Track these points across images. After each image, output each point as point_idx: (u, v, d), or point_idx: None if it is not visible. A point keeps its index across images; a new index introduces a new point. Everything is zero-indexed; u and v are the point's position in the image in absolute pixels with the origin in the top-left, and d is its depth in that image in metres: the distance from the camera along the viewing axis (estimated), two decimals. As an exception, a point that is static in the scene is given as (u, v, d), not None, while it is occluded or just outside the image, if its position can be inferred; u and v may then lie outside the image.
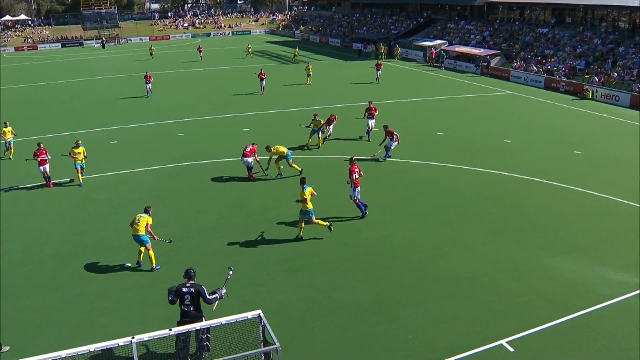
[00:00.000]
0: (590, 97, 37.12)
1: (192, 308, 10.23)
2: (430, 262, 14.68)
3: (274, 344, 8.54)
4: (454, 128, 28.63)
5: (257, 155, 20.97)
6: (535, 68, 43.69)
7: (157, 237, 14.31)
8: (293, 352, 10.83)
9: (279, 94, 38.75)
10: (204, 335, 10.07)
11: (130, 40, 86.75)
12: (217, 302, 10.56)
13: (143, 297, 13.19)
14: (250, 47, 64.28)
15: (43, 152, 20.20)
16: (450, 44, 55.75)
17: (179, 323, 10.10)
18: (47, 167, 20.30)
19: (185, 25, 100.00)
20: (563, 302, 12.65)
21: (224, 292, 10.61)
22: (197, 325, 9.32)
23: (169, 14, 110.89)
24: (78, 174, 20.69)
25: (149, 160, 23.65)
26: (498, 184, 20.44)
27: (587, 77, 39.61)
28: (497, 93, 39.54)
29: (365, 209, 17.46)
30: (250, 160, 20.77)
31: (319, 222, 15.86)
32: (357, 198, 17.25)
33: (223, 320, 8.90)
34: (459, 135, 27.17)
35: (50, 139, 26.14)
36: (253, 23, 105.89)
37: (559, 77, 41.00)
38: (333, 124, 25.86)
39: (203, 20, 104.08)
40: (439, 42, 56.89)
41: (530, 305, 12.54)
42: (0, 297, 13.16)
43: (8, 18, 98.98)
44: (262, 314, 9.09)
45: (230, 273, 11.15)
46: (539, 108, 34.43)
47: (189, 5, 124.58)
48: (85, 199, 19.55)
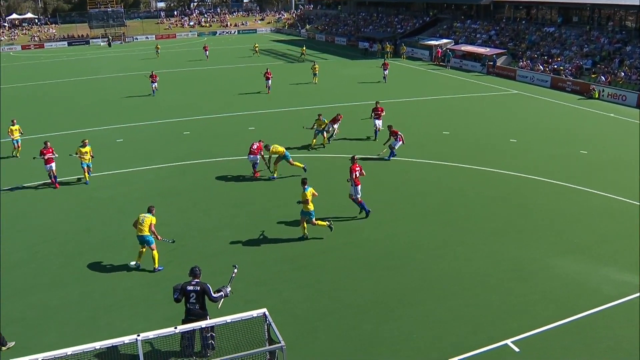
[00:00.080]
0: (597, 96, 36.96)
1: (197, 306, 10.26)
2: (434, 261, 14.67)
3: (279, 343, 8.56)
4: (460, 127, 28.57)
5: (263, 153, 21.03)
6: (542, 67, 43.53)
7: (160, 237, 14.27)
8: (297, 350, 10.84)
9: (285, 93, 38.77)
10: (209, 334, 10.11)
11: (137, 39, 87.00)
12: (222, 300, 10.60)
13: (147, 295, 13.24)
14: (257, 46, 64.31)
15: (50, 150, 20.23)
16: (456, 43, 55.60)
17: (184, 321, 10.13)
18: (53, 165, 20.26)
19: (191, 24, 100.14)
20: (568, 302, 12.62)
21: (229, 290, 10.64)
22: (202, 324, 9.35)
23: (175, 13, 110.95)
24: (85, 173, 20.73)
25: (154, 159, 23.71)
26: (503, 184, 20.40)
27: (593, 76, 39.43)
28: (503, 92, 39.42)
29: (361, 212, 17.45)
30: (257, 158, 20.82)
31: (319, 222, 15.88)
32: (358, 197, 17.27)
33: (228, 319, 8.93)
34: (465, 135, 27.11)
35: (57, 137, 26.31)
36: (259, 22, 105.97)
37: (566, 76, 40.83)
38: (338, 123, 25.79)
39: (209, 19, 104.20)
40: (445, 41, 56.77)
41: (535, 305, 12.52)
42: (1, 294, 13.24)
43: (15, 16, 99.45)
44: (267, 313, 9.11)
45: (235, 271, 11.19)
46: (545, 107, 34.30)
47: (195, 4, 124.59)
48: (90, 197, 19.62)
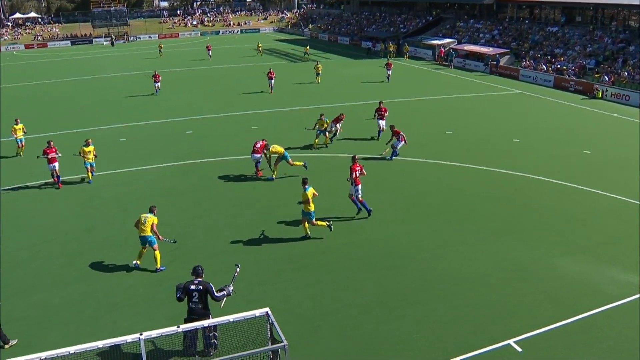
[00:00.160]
0: (600, 96, 36.87)
1: (200, 305, 10.27)
2: (437, 261, 14.66)
3: (282, 342, 8.55)
4: (463, 127, 28.53)
5: (266, 151, 21.03)
6: (545, 67, 43.44)
7: (162, 237, 14.26)
8: (300, 350, 10.84)
9: (288, 92, 38.76)
10: (212, 333, 10.12)
11: (139, 38, 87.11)
12: (224, 299, 10.61)
13: (150, 294, 13.26)
14: (261, 45, 64.35)
15: (53, 150, 20.19)
16: (459, 43, 55.51)
17: (187, 320, 10.15)
18: (56, 165, 20.22)
19: (194, 23, 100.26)
20: (571, 302, 12.59)
21: (232, 289, 10.66)
22: (205, 323, 9.35)
23: (178, 12, 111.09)
24: (88, 173, 20.75)
25: (157, 158, 23.72)
26: (506, 183, 20.36)
27: (597, 76, 39.33)
28: (506, 92, 39.35)
29: (359, 212, 17.44)
30: (260, 157, 20.83)
31: (318, 223, 15.89)
32: (359, 196, 17.25)
33: (231, 318, 8.92)
34: (467, 134, 27.07)
35: (60, 136, 26.36)
36: (262, 21, 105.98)
37: (569, 76, 40.73)
38: (341, 123, 25.79)
39: (212, 19, 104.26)
40: (448, 40, 56.67)
41: (538, 305, 12.49)
42: (4, 293, 13.26)
43: (18, 16, 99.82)
44: (269, 312, 9.11)
45: (238, 270, 11.19)
46: (548, 107, 34.23)
47: (198, 3, 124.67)
48: (93, 197, 19.65)
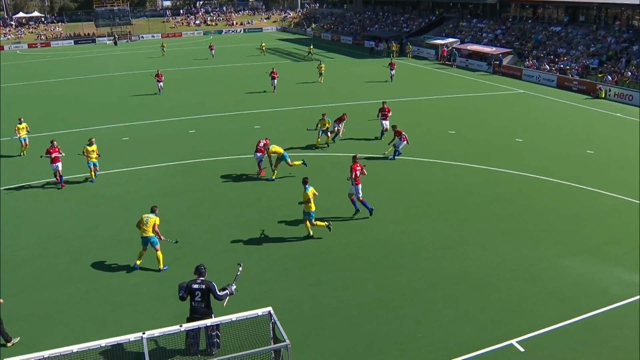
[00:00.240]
0: (604, 96, 36.77)
1: (202, 304, 10.28)
2: (440, 260, 14.64)
3: (284, 341, 8.54)
4: (465, 126, 28.50)
5: (266, 151, 21.01)
6: (548, 67, 43.35)
7: (163, 237, 14.23)
8: (303, 349, 10.84)
9: (291, 92, 38.76)
10: (214, 332, 10.12)
11: (142, 38, 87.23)
12: (227, 298, 10.61)
13: (154, 293, 13.27)
14: (264, 45, 64.37)
15: (56, 149, 20.20)
16: (462, 42, 55.45)
17: (189, 319, 10.16)
18: (59, 165, 20.19)
19: (197, 23, 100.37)
20: (575, 302, 12.56)
21: (234, 288, 10.65)
22: (207, 322, 9.35)
23: (181, 11, 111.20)
24: (91, 172, 20.76)
25: (160, 157, 23.74)
26: (509, 183, 20.33)
27: (600, 76, 39.24)
28: (509, 92, 39.28)
29: (356, 212, 17.43)
30: (263, 156, 20.83)
31: (318, 223, 15.90)
32: (359, 196, 17.23)
33: (234, 317, 8.92)
34: (470, 134, 27.04)
35: (63, 135, 26.42)
36: (265, 20, 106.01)
37: (572, 76, 40.65)
38: (343, 123, 25.77)
39: (215, 18, 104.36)
40: (451, 40, 56.63)
41: (542, 305, 12.47)
42: (9, 291, 13.30)
43: (22, 15, 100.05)
44: (272, 311, 9.11)
45: (240, 269, 11.19)
46: (551, 107, 34.15)
47: (201, 3, 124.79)
48: (97, 195, 19.68)
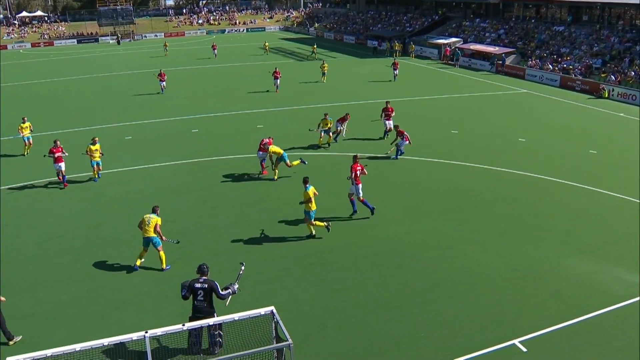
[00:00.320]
0: (607, 96, 36.69)
1: (205, 304, 10.29)
2: (443, 260, 14.63)
3: (287, 341, 8.54)
4: (468, 126, 28.47)
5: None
6: (551, 66, 43.25)
7: (165, 237, 14.23)
8: (305, 348, 10.85)
9: (294, 91, 38.75)
10: (217, 331, 10.13)
11: (145, 37, 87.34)
12: (229, 297, 10.62)
13: (156, 292, 13.29)
14: (268, 44, 64.42)
15: (59, 149, 20.18)
16: (465, 42, 55.38)
17: (191, 318, 10.17)
18: (62, 165, 20.15)
19: (200, 22, 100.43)
20: (577, 302, 12.55)
21: (237, 287, 10.66)
22: (210, 321, 9.36)
23: (184, 11, 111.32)
24: (94, 171, 20.80)
25: (163, 156, 23.76)
26: (512, 183, 20.30)
27: (603, 75, 39.14)
28: (512, 91, 39.22)
29: (354, 213, 17.43)
30: (266, 155, 20.82)
31: (317, 223, 15.91)
32: (360, 196, 17.23)
33: (236, 316, 8.92)
34: (473, 134, 27.01)
35: (66, 134, 26.46)
36: (267, 20, 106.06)
37: (575, 75, 40.55)
38: (346, 123, 25.75)
39: (218, 17, 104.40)
40: (454, 39, 56.55)
41: (544, 305, 12.45)
42: (11, 290, 13.33)
43: (25, 14, 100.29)
44: (274, 310, 9.12)
45: (243, 268, 11.21)
46: (554, 107, 34.09)
47: (204, 2, 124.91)
48: (100, 194, 19.71)
